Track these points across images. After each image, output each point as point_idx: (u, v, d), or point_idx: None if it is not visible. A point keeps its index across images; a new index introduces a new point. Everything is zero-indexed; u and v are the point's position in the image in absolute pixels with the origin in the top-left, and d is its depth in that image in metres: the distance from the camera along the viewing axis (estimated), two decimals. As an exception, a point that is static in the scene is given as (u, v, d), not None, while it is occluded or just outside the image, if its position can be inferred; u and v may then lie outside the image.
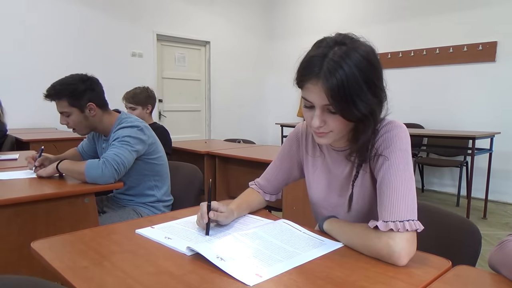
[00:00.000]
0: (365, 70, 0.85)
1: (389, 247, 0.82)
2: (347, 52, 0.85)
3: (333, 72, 0.84)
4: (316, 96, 0.88)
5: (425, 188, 4.97)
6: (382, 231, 0.84)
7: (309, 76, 0.88)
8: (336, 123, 0.91)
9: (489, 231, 3.39)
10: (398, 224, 0.83)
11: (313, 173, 1.14)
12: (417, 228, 0.85)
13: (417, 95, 4.94)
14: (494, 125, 4.29)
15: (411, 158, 0.94)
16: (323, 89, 0.85)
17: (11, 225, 1.39)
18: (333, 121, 0.90)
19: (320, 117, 0.90)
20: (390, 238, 0.83)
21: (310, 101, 0.90)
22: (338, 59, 0.85)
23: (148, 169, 1.83)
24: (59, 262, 0.81)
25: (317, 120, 0.90)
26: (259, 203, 1.24)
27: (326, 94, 0.85)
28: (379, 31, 5.27)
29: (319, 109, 0.90)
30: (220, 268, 0.77)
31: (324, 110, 0.90)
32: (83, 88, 1.70)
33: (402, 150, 0.92)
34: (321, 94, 0.86)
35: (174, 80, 5.82)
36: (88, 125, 1.77)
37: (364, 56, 0.86)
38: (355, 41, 0.89)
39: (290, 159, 1.21)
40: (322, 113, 0.90)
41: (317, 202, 1.13)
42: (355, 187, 1.03)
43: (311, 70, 0.87)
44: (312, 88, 0.88)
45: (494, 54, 4.33)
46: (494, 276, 0.77)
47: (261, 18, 6.77)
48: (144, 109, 2.76)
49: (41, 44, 4.45)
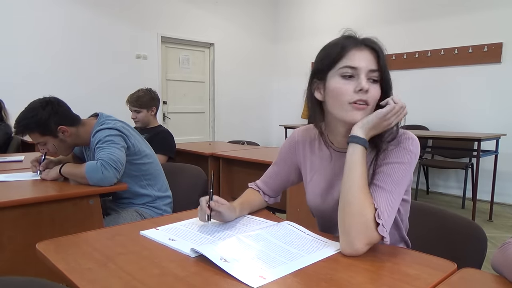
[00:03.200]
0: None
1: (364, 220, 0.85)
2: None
3: (375, 42, 0.95)
4: (364, 60, 0.93)
5: (430, 190, 4.94)
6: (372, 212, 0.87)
7: (354, 45, 0.94)
8: (375, 93, 0.94)
9: (495, 234, 3.37)
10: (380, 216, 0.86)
11: (311, 178, 1.13)
12: (385, 237, 0.86)
13: (422, 96, 4.92)
14: (500, 126, 4.25)
15: (412, 171, 0.97)
16: (371, 56, 0.93)
17: (17, 227, 1.40)
18: (373, 90, 0.94)
19: (366, 81, 0.93)
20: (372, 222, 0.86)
21: (357, 66, 0.93)
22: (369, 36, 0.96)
23: (136, 170, 1.82)
24: (64, 264, 0.81)
25: (365, 83, 0.92)
26: (259, 203, 1.24)
27: (376, 59, 0.93)
28: (384, 33, 5.22)
29: (363, 74, 0.93)
30: (224, 270, 0.77)
31: (367, 77, 0.93)
32: (46, 115, 1.64)
33: (404, 163, 0.93)
34: (369, 59, 0.93)
35: (178, 82, 5.83)
36: (67, 145, 1.76)
37: None
38: None
39: (287, 164, 1.21)
40: (366, 79, 0.93)
41: (314, 206, 1.12)
42: None
43: (354, 40, 0.95)
44: (358, 54, 0.93)
45: (500, 56, 4.30)
46: (499, 279, 0.76)
47: (266, 20, 6.78)
48: (148, 111, 2.76)
49: (45, 46, 4.49)
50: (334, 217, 1.07)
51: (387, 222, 0.87)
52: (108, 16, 4.94)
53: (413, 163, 0.95)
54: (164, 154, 2.61)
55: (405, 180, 0.94)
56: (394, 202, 0.90)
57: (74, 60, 4.70)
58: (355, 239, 0.85)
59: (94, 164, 1.57)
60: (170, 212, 1.92)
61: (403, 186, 0.94)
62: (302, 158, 1.16)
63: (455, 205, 4.31)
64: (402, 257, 0.86)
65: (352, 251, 0.85)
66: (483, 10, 4.40)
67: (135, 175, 1.82)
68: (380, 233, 0.85)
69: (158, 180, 1.90)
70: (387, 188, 0.91)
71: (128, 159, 1.75)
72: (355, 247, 0.84)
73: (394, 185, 0.91)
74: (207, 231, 1.03)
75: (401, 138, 0.96)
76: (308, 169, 1.14)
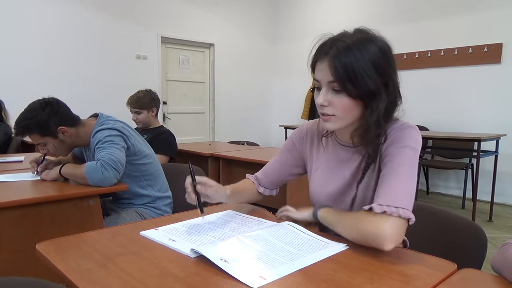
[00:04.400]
0: (373, 53, 0.89)
1: (378, 230, 0.83)
2: (361, 39, 0.89)
3: (341, 51, 0.87)
4: (322, 73, 0.90)
5: (430, 191, 4.94)
6: (375, 213, 0.85)
7: (319, 56, 0.91)
8: (340, 103, 0.91)
9: (495, 234, 3.37)
10: (392, 209, 0.85)
11: (316, 171, 1.13)
12: (410, 218, 0.86)
13: (422, 97, 4.92)
14: (500, 127, 4.25)
15: (418, 158, 0.95)
16: (330, 66, 0.88)
17: (17, 227, 1.40)
18: (338, 101, 0.91)
19: (325, 95, 0.91)
20: (381, 220, 0.84)
21: (317, 79, 0.92)
22: (349, 42, 0.88)
23: (135, 170, 1.82)
24: (64, 264, 0.81)
25: (321, 97, 0.91)
26: (251, 193, 1.24)
27: (332, 69, 0.87)
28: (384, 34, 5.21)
29: (325, 87, 0.91)
30: (224, 270, 0.77)
31: (329, 89, 0.91)
32: (46, 116, 1.64)
33: (411, 147, 0.93)
34: (328, 71, 0.89)
35: (178, 83, 5.83)
36: (67, 146, 1.76)
37: (377, 45, 0.90)
38: (372, 34, 0.93)
39: (292, 155, 1.21)
40: (327, 92, 0.91)
41: (318, 200, 1.12)
42: (359, 188, 1.03)
43: (322, 49, 0.91)
44: (320, 67, 0.91)
45: (500, 56, 4.30)
46: (499, 279, 0.76)
47: (266, 21, 6.78)
48: (149, 112, 2.76)
49: (45, 47, 4.49)
50: None
51: (407, 203, 0.86)
52: (108, 17, 4.94)
53: (417, 149, 0.94)
54: (165, 154, 2.62)
55: (415, 164, 0.93)
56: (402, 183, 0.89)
57: (75, 61, 4.70)
58: (383, 246, 0.84)
59: (94, 165, 1.57)
60: (170, 212, 1.92)
61: (414, 170, 0.92)
62: (309, 148, 1.16)
63: (455, 206, 4.31)
64: (402, 257, 0.86)
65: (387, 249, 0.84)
66: (483, 10, 4.40)
67: (135, 175, 1.82)
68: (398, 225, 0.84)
69: (158, 180, 1.90)
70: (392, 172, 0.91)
71: (128, 159, 1.74)
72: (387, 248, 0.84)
73: (399, 167, 0.91)
74: (207, 231, 1.03)
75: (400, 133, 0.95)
76: (314, 159, 1.14)
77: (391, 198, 0.87)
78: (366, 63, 0.87)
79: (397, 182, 0.89)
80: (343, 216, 0.96)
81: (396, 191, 0.88)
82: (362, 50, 0.87)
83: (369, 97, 0.90)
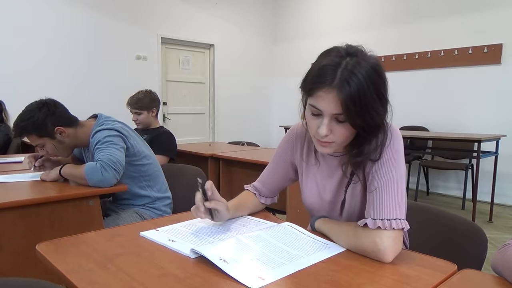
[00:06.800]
0: (376, 82, 0.86)
1: (375, 245, 0.85)
2: (360, 63, 0.86)
3: (348, 82, 0.84)
4: (328, 104, 0.87)
5: (430, 191, 4.94)
6: (370, 228, 0.87)
7: (322, 85, 0.86)
8: (342, 132, 0.90)
9: (495, 235, 3.37)
10: (386, 222, 0.87)
11: (307, 178, 1.13)
12: (403, 227, 0.87)
13: (422, 97, 4.92)
14: (500, 127, 4.25)
15: (403, 158, 0.95)
16: (337, 98, 0.85)
17: (16, 228, 1.40)
18: (340, 130, 0.90)
19: (328, 126, 0.89)
20: (377, 236, 0.86)
21: (320, 109, 0.89)
22: (352, 68, 0.84)
23: (135, 171, 1.81)
24: (64, 265, 0.81)
25: (325, 128, 0.89)
26: (255, 205, 1.24)
27: (341, 103, 0.84)
28: (384, 34, 5.27)
29: (327, 117, 0.89)
30: (223, 271, 0.77)
31: (332, 119, 0.89)
32: (43, 116, 1.64)
33: (393, 150, 0.94)
34: (334, 103, 0.86)
35: (178, 83, 5.84)
36: (66, 147, 1.76)
37: (373, 68, 0.87)
38: (364, 54, 0.89)
39: (285, 162, 1.20)
40: (330, 122, 0.89)
41: (311, 206, 1.13)
42: (347, 193, 1.03)
43: (324, 78, 0.86)
44: (324, 97, 0.87)
45: (500, 57, 4.30)
46: (499, 280, 0.76)
47: (265, 21, 6.78)
48: (149, 113, 2.76)
49: (46, 47, 4.49)
50: (330, 217, 1.07)
51: (398, 212, 0.88)
52: (108, 17, 4.94)
53: (400, 150, 0.95)
54: (165, 155, 2.61)
55: (401, 166, 0.93)
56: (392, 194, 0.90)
57: (75, 62, 4.70)
58: (383, 259, 0.85)
59: (94, 165, 1.57)
60: (170, 213, 1.92)
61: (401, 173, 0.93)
62: (300, 154, 1.16)
63: (455, 206, 4.31)
64: (402, 258, 0.86)
65: (387, 261, 0.85)
66: (483, 11, 4.41)
67: (135, 176, 1.82)
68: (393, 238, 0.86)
69: (158, 181, 1.90)
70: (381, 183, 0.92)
71: (127, 160, 1.74)
72: (388, 261, 0.85)
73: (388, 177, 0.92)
74: (207, 232, 1.03)
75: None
76: (304, 166, 1.14)
77: (382, 211, 0.88)
78: (372, 96, 0.85)
79: (386, 192, 0.90)
80: (339, 231, 0.97)
81: (387, 202, 0.89)
82: (368, 81, 0.85)
83: (371, 127, 0.90)
